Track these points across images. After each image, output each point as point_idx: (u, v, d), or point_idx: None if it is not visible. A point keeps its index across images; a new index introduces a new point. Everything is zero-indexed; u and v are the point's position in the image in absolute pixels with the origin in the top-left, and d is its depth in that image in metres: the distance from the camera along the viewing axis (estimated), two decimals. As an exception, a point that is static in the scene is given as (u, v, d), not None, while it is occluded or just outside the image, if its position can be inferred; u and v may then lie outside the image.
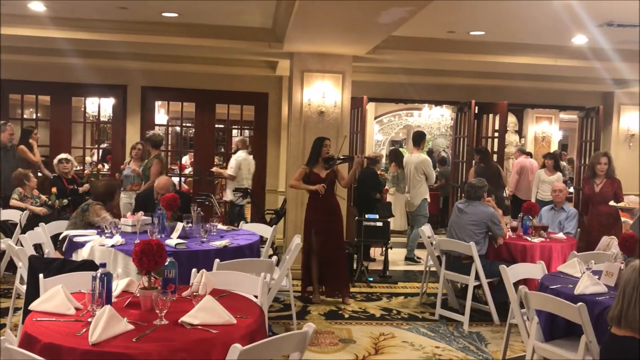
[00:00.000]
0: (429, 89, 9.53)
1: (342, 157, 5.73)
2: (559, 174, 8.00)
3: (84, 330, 2.34)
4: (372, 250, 7.98)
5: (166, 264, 2.75)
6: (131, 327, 2.37)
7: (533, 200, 7.98)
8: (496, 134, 9.26)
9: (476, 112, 9.31)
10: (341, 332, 4.94)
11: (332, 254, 5.79)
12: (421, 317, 5.49)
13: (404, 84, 9.31)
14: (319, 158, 5.76)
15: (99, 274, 2.55)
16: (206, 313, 2.49)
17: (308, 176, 5.73)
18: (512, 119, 12.43)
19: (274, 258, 4.12)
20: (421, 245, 6.52)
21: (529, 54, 7.19)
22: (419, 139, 8.21)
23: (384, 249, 7.08)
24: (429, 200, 7.97)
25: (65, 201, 6.69)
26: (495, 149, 9.25)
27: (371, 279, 6.77)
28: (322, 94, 6.74)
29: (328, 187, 5.74)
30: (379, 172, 11.58)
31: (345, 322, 5.24)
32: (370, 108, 12.39)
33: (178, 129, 11.08)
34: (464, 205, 5.42)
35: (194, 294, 2.73)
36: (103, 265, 2.62)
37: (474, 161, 8.49)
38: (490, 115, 9.37)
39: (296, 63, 6.75)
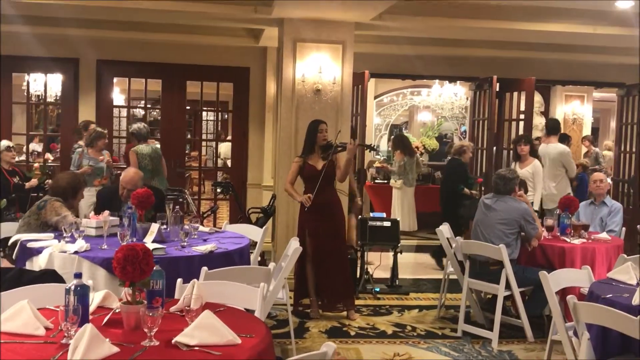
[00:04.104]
0: (441, 63, 9.57)
1: (340, 145, 5.72)
2: (535, 162, 7.33)
3: (59, 354, 2.32)
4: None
5: (152, 273, 2.74)
6: (116, 349, 2.36)
7: None
8: (522, 116, 9.33)
9: (497, 89, 9.38)
10: (348, 353, 4.96)
11: (331, 259, 5.80)
12: (441, 334, 5.53)
13: (411, 57, 9.34)
14: (314, 146, 5.76)
15: (73, 287, 2.53)
16: (205, 332, 2.48)
17: (302, 169, 5.75)
18: (537, 98, 12.49)
19: (272, 265, 4.12)
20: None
21: (562, 21, 7.23)
22: (556, 126, 8.12)
23: (392, 253, 7.12)
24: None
25: (4, 202, 6.61)
26: (521, 132, 9.31)
27: (377, 289, 6.81)
28: (319, 68, 6.73)
29: (327, 181, 5.74)
30: (379, 163, 11.66)
31: (351, 341, 5.26)
32: (369, 86, 12.39)
33: (141, 111, 11.00)
34: (492, 201, 5.46)
35: (187, 308, 2.71)
36: (78, 275, 2.60)
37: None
38: (515, 94, 9.43)
39: (287, 31, 6.72)
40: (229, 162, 11.07)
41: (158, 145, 7.61)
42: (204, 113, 15.69)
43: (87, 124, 7.81)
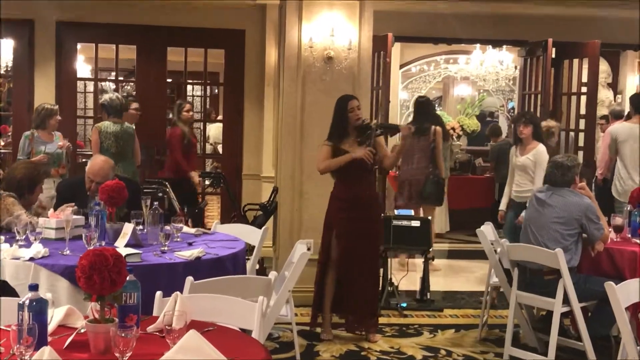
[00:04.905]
0: (483, 23, 9.55)
1: (384, 126, 5.72)
2: (539, 148, 6.91)
3: (12, 383, 2.34)
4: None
5: (125, 284, 2.75)
6: (80, 378, 2.37)
7: (505, 200, 7.12)
8: (583, 89, 9.29)
9: (553, 56, 9.34)
10: (367, 383, 5.00)
11: (362, 268, 5.78)
12: (483, 360, 5.55)
13: (446, 16, 9.32)
14: (347, 128, 5.74)
15: (28, 301, 2.54)
16: (190, 356, 2.49)
17: (335, 155, 5.71)
18: (603, 67, 12.46)
19: (273, 274, 4.13)
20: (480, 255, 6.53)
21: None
22: None
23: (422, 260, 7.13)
24: None
25: None
26: (582, 110, 9.29)
27: (404, 305, 6.82)
28: (330, 30, 6.71)
29: (366, 171, 5.74)
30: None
31: (372, 368, 5.30)
32: (394, 53, 12.40)
33: (111, 84, 11.03)
34: (546, 195, 5.43)
35: (167, 327, 2.72)
36: (34, 287, 2.61)
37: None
38: (575, 61, 9.38)
39: (291, -15, 6.73)
40: (219, 148, 11.11)
41: (132, 125, 7.61)
42: (189, 87, 15.74)
43: (128, 103, 7.90)
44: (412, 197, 8.10)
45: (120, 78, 10.78)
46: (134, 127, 7.71)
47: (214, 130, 13.14)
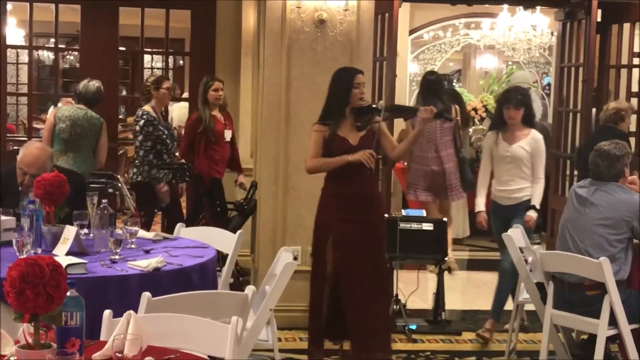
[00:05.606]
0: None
1: (395, 108, 5.71)
2: (534, 135, 6.89)
3: None
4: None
5: (65, 301, 2.74)
6: (10, 417, 2.37)
7: (482, 198, 7.18)
8: (636, 61, 9.29)
9: (599, 19, 9.34)
10: None
11: (368, 281, 5.75)
12: (510, 395, 5.58)
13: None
14: (346, 108, 5.75)
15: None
16: (146, 390, 2.50)
17: (328, 143, 5.71)
18: (659, 33, 12.52)
19: (250, 289, 4.13)
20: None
21: None
22: None
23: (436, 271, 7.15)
24: None
25: None
26: (634, 87, 9.30)
27: (414, 327, 6.84)
28: (323, -13, 6.74)
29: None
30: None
31: (373, 406, 5.32)
32: (402, 15, 12.40)
33: (50, 54, 10.99)
34: (589, 192, 5.44)
35: (118, 355, 2.72)
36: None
37: None
38: (626, 27, 9.39)
39: None
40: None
41: (100, 118, 7.60)
42: (147, 57, 15.75)
43: (159, 81, 7.97)
44: (449, 189, 8.49)
45: (61, 46, 10.76)
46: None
47: (178, 110, 13.11)
